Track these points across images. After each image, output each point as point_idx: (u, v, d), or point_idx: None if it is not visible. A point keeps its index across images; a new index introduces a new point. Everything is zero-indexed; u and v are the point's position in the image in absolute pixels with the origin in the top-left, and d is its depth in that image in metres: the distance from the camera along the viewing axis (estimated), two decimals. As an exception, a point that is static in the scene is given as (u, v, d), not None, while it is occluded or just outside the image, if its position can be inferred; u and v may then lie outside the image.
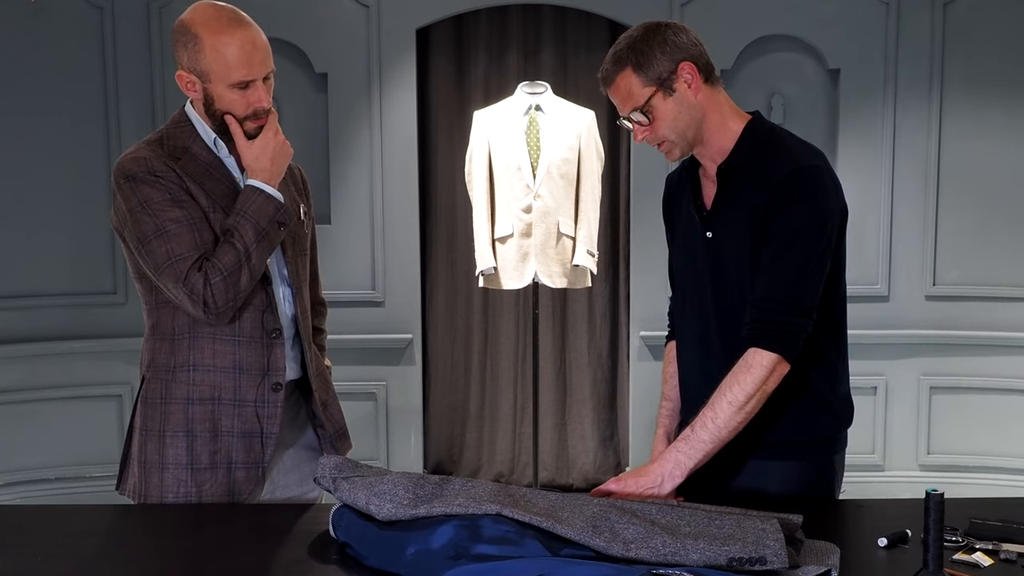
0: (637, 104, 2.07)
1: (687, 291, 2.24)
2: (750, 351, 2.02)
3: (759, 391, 2.00)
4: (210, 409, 2.23)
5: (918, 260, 4.87)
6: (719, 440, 2.01)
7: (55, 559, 1.89)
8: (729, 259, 2.11)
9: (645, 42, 2.06)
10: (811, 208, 2.03)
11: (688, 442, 2.02)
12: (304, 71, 4.86)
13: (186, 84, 2.19)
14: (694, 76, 2.07)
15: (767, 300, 2.03)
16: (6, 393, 4.62)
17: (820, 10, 4.79)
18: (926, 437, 4.90)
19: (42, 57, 4.64)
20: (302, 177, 2.47)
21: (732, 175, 2.10)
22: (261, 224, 2.16)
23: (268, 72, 2.18)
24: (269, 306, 2.24)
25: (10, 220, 4.63)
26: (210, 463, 2.23)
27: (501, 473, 5.18)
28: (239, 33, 2.14)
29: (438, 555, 1.66)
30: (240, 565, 1.84)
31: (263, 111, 2.19)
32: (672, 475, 2.00)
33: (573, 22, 5.03)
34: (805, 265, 2.03)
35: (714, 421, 2.01)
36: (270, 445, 2.25)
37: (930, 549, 1.58)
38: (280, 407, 2.25)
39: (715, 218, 2.13)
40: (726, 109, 2.13)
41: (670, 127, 2.08)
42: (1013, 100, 4.77)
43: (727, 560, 1.62)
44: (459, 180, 4.78)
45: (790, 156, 2.07)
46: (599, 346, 5.17)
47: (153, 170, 2.15)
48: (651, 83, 2.06)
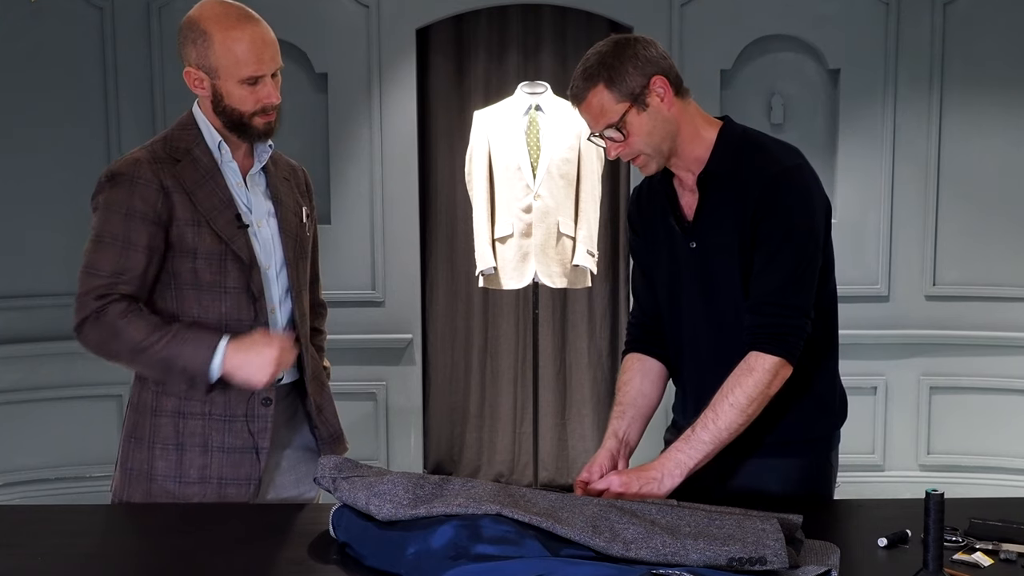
0: (611, 121, 2.05)
1: (671, 304, 2.21)
2: (751, 354, 2.03)
3: (761, 394, 2.01)
4: (200, 424, 2.22)
5: (918, 260, 4.87)
6: (720, 441, 2.01)
7: (55, 559, 1.89)
8: (717, 267, 2.10)
9: (616, 57, 2.04)
10: (798, 209, 2.04)
11: (689, 442, 2.02)
12: (304, 71, 4.86)
13: (194, 81, 2.19)
14: (666, 90, 2.06)
15: (764, 304, 2.04)
16: (6, 393, 4.62)
17: (820, 10, 4.79)
18: (926, 437, 4.90)
19: (42, 57, 4.64)
20: (306, 179, 2.46)
21: (712, 182, 2.10)
22: (177, 364, 2.12)
23: (277, 68, 2.19)
24: (258, 323, 2.22)
25: (10, 220, 4.63)
26: (199, 477, 2.22)
27: (501, 473, 5.18)
28: (249, 29, 2.15)
29: (438, 555, 1.66)
30: (240, 565, 1.84)
31: (272, 107, 2.19)
32: (672, 474, 2.01)
33: (573, 22, 5.03)
34: (798, 266, 2.03)
35: (715, 423, 2.01)
36: (262, 459, 2.24)
37: (930, 549, 1.58)
38: (270, 422, 2.24)
39: (698, 228, 2.12)
40: (698, 119, 2.13)
41: (645, 141, 2.07)
42: (1013, 100, 4.77)
43: (727, 560, 1.62)
44: (459, 180, 4.78)
45: (771, 158, 2.08)
46: (599, 346, 5.17)
47: (135, 175, 2.14)
48: (624, 99, 2.04)
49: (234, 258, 2.19)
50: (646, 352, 2.28)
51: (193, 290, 2.19)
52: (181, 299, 2.19)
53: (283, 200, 2.31)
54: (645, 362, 2.28)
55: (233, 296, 2.20)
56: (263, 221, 2.27)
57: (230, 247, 2.18)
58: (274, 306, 2.27)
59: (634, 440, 2.21)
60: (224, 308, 2.20)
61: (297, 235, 2.32)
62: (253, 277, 2.21)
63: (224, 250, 2.18)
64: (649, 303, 2.29)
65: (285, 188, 2.33)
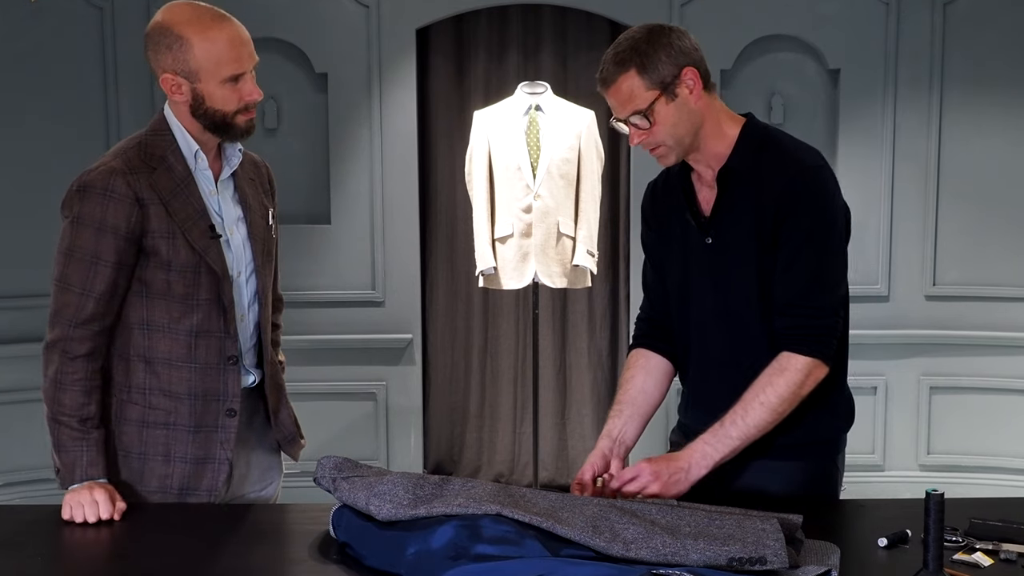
0: (638, 107, 2.04)
1: (681, 299, 2.21)
2: (783, 354, 2.03)
3: (792, 394, 2.02)
4: (164, 434, 2.21)
5: (918, 260, 4.86)
6: (747, 438, 2.02)
7: (55, 559, 1.90)
8: (732, 263, 2.10)
9: (650, 44, 2.03)
10: (821, 208, 2.05)
11: (716, 436, 2.03)
12: (304, 71, 4.86)
13: (171, 87, 2.16)
14: (696, 82, 2.05)
15: (792, 306, 2.04)
16: (6, 393, 4.62)
17: (820, 10, 4.79)
18: (926, 437, 4.89)
19: (42, 57, 4.64)
20: (269, 176, 2.43)
21: (732, 178, 2.09)
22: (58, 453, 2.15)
23: (254, 64, 2.18)
24: (227, 334, 2.22)
25: (10, 219, 4.63)
26: (159, 487, 2.22)
27: (501, 473, 5.18)
28: (226, 28, 2.14)
29: (438, 555, 1.66)
30: (240, 565, 1.84)
31: (254, 103, 2.18)
32: (699, 464, 2.02)
33: (573, 22, 5.03)
34: (823, 265, 2.05)
35: (744, 419, 2.02)
36: (223, 470, 2.23)
37: (930, 549, 1.58)
38: (234, 432, 2.24)
39: (715, 223, 2.11)
40: (722, 115, 2.12)
41: (669, 132, 2.06)
42: (1013, 100, 4.77)
43: (727, 560, 1.62)
44: (459, 180, 4.78)
45: (792, 158, 2.08)
46: (599, 346, 5.17)
47: (108, 188, 2.13)
48: (654, 87, 2.03)
49: (208, 270, 2.18)
50: (652, 348, 2.27)
51: (164, 300, 2.18)
52: (151, 308, 2.19)
53: (251, 204, 2.29)
54: (650, 359, 2.27)
55: (204, 307, 2.20)
56: (233, 228, 2.26)
57: (204, 259, 2.17)
58: (243, 313, 2.27)
59: (631, 439, 2.20)
60: (195, 319, 2.19)
61: (264, 240, 2.31)
62: (224, 288, 2.20)
63: (198, 262, 2.17)
64: (659, 298, 2.28)
65: (251, 190, 2.31)
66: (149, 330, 2.19)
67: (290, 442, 2.40)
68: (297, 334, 4.33)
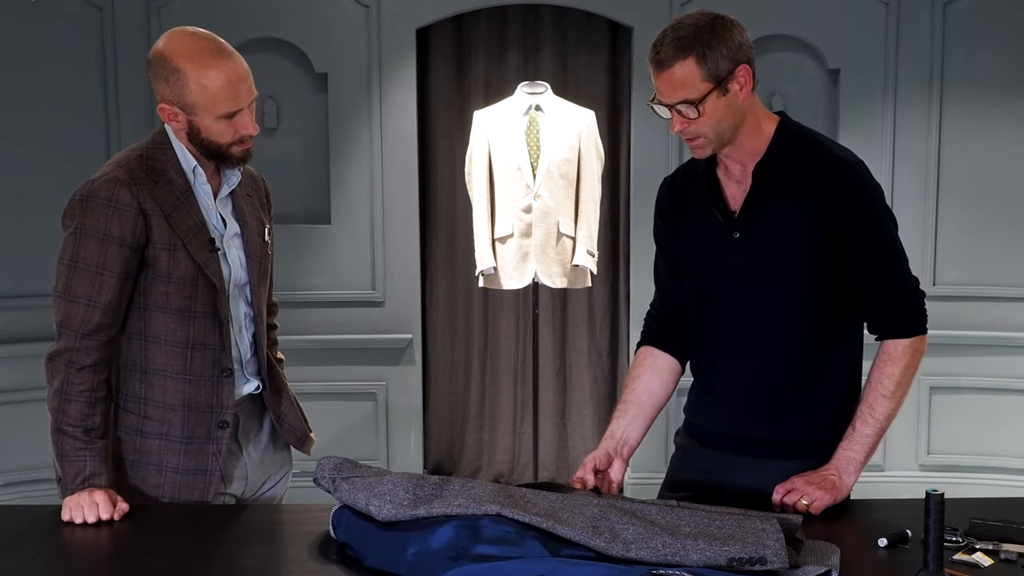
0: (690, 97, 2.01)
1: (700, 295, 2.19)
2: (887, 343, 2.11)
3: (909, 376, 2.11)
4: (157, 444, 2.21)
5: (918, 260, 4.84)
6: (882, 431, 2.10)
7: (55, 559, 1.90)
8: (762, 258, 2.10)
9: (713, 35, 2.00)
10: (875, 198, 2.11)
11: (853, 440, 2.09)
12: (304, 71, 4.86)
13: (168, 116, 2.15)
14: (747, 80, 2.04)
15: (881, 298, 2.10)
16: (6, 393, 4.62)
17: (820, 10, 4.79)
18: (926, 437, 4.90)
19: (42, 57, 4.64)
20: (266, 189, 2.42)
21: (768, 173, 2.09)
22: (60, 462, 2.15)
23: (253, 99, 2.16)
24: (223, 347, 2.22)
25: (10, 220, 4.63)
26: (151, 497, 2.21)
27: (501, 473, 5.18)
28: (224, 66, 2.10)
29: (438, 555, 1.67)
30: (240, 565, 1.84)
31: (249, 137, 2.17)
32: (847, 471, 2.07)
33: (573, 22, 5.02)
34: (895, 249, 2.11)
35: (873, 415, 2.09)
36: (214, 483, 2.23)
37: (930, 549, 1.58)
38: (226, 444, 2.24)
39: (745, 218, 2.11)
40: (760, 112, 2.13)
41: (713, 125, 2.04)
42: (1013, 100, 4.77)
43: (727, 560, 1.62)
44: (459, 180, 4.78)
45: (834, 155, 2.12)
46: (599, 346, 5.17)
47: (113, 198, 2.12)
48: (709, 79, 2.00)
49: (206, 282, 2.18)
50: (660, 346, 2.27)
51: (162, 313, 2.18)
52: (148, 320, 2.19)
53: (248, 222, 2.29)
54: (657, 358, 2.26)
55: (201, 320, 2.20)
56: (232, 243, 2.26)
57: (203, 271, 2.17)
58: (240, 325, 2.28)
59: (635, 439, 2.20)
60: (192, 331, 2.19)
61: (260, 258, 2.32)
62: (221, 301, 2.20)
63: (197, 274, 2.17)
64: (671, 294, 2.27)
65: (248, 207, 2.31)
66: (146, 341, 2.19)
67: (301, 441, 2.42)
68: (297, 334, 4.34)
